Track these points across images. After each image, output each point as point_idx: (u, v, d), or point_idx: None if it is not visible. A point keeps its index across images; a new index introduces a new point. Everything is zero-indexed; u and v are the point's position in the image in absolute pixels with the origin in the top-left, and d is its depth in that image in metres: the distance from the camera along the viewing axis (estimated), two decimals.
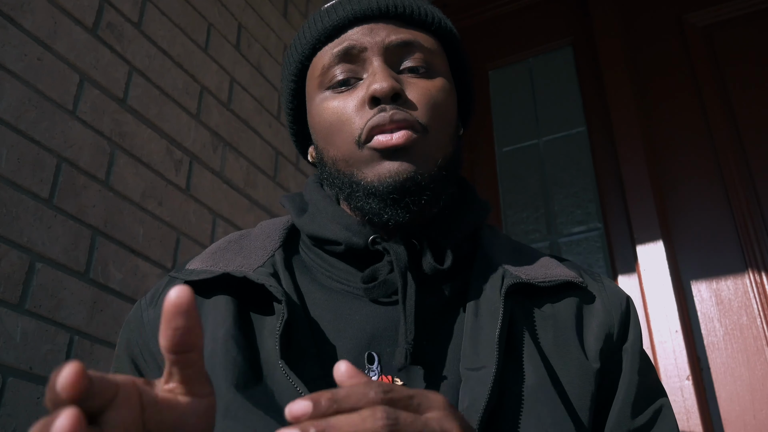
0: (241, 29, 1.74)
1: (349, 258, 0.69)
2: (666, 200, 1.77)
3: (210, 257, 0.70)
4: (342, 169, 0.66)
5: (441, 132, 0.67)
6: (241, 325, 0.63)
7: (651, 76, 1.93)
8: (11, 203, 1.06)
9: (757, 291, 1.58)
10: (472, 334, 0.61)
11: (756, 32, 1.84)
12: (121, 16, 1.36)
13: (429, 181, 0.64)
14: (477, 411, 0.55)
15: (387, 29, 0.68)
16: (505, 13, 2.24)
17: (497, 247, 0.72)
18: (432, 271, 0.65)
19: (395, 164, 0.62)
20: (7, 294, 1.02)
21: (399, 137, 0.62)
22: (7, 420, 0.98)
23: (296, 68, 0.73)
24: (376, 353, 0.62)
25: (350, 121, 0.65)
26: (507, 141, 2.09)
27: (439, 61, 0.70)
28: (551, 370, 0.61)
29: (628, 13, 2.04)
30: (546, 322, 0.65)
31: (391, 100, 0.64)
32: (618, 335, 0.68)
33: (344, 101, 0.66)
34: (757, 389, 1.50)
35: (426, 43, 0.69)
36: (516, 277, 0.65)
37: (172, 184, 1.40)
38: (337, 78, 0.68)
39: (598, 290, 0.71)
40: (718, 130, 1.77)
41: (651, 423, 0.65)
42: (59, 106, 1.18)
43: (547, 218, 1.92)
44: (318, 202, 0.72)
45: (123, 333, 0.71)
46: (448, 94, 0.69)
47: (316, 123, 0.70)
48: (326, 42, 0.70)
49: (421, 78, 0.67)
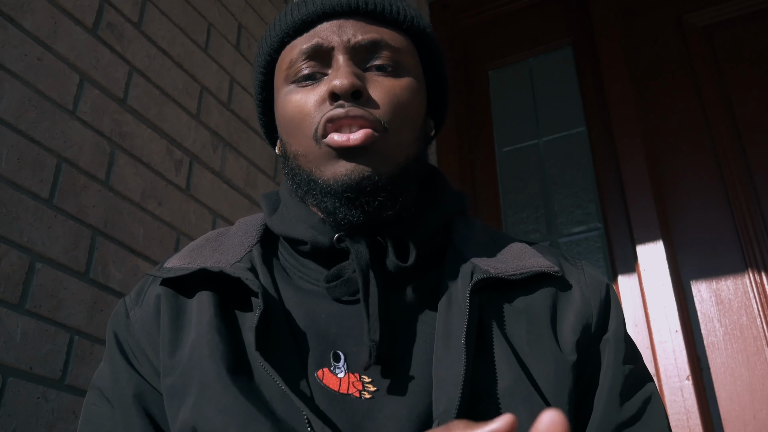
0: (241, 29, 1.74)
1: (316, 257, 0.68)
2: (666, 200, 1.77)
3: (188, 255, 0.70)
4: (302, 165, 0.66)
5: (403, 132, 0.65)
6: (223, 317, 0.63)
7: (651, 76, 1.93)
8: (11, 203, 1.06)
9: (757, 291, 1.58)
10: (443, 333, 0.60)
11: (756, 32, 1.84)
12: (121, 16, 1.36)
13: (387, 182, 0.62)
14: (450, 415, 0.54)
15: (355, 27, 0.67)
16: (505, 13, 2.24)
17: (470, 239, 0.70)
18: (396, 269, 0.64)
19: (351, 164, 0.62)
20: (7, 294, 1.02)
21: (357, 138, 0.61)
22: (7, 420, 0.98)
23: (265, 60, 0.73)
24: (342, 352, 0.61)
25: (309, 116, 0.65)
26: (507, 141, 2.09)
27: (409, 60, 0.69)
28: (525, 367, 0.60)
29: (628, 13, 2.04)
30: (518, 316, 0.64)
31: (352, 97, 0.63)
32: (597, 325, 0.66)
33: (306, 95, 0.66)
34: (757, 389, 1.50)
35: (394, 42, 0.68)
36: (485, 271, 0.64)
37: (172, 184, 1.40)
38: (302, 72, 0.67)
39: (576, 278, 0.69)
40: (718, 130, 1.77)
41: (641, 412, 0.64)
42: (59, 106, 1.18)
43: (547, 218, 1.92)
44: (287, 201, 0.72)
45: (111, 327, 0.71)
46: (415, 93, 0.68)
47: (280, 116, 0.70)
48: (295, 36, 0.69)
49: (388, 76, 0.66)
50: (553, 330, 0.64)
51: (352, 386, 0.60)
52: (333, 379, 0.60)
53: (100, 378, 0.68)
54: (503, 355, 0.60)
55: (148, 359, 0.66)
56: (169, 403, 0.62)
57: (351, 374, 0.60)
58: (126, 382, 0.65)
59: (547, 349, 0.62)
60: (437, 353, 0.59)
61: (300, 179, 0.66)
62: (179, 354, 0.63)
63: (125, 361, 0.67)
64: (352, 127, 0.62)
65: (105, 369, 0.68)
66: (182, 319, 0.66)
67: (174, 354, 0.63)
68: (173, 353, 0.63)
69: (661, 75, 1.92)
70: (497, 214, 1.98)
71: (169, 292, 0.68)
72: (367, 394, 0.59)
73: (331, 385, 0.60)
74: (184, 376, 0.61)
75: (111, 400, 0.65)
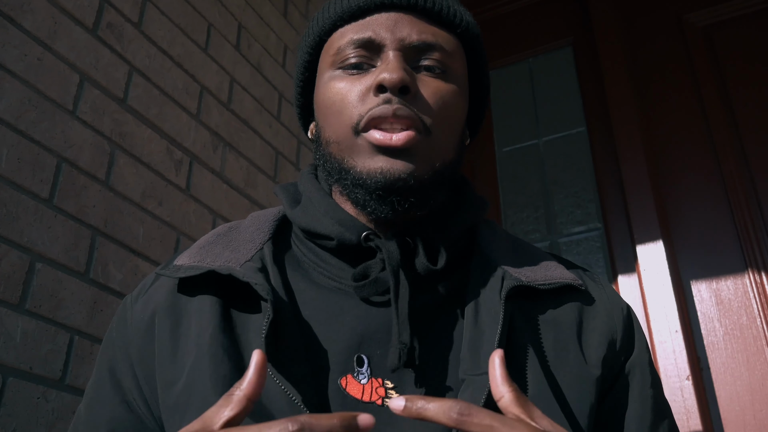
0: (241, 29, 1.74)
1: (341, 253, 0.66)
2: (666, 200, 1.77)
3: (197, 252, 0.68)
4: (334, 152, 0.64)
5: (445, 136, 0.64)
6: (226, 327, 0.61)
7: (651, 76, 1.93)
8: (11, 203, 1.06)
9: (757, 291, 1.58)
10: (472, 337, 0.59)
11: (756, 32, 1.84)
12: (121, 16, 1.36)
13: (420, 185, 0.61)
14: None
15: (411, 25, 0.65)
16: (505, 13, 2.24)
17: (496, 244, 0.70)
18: (425, 272, 0.63)
19: (389, 162, 0.60)
20: (7, 294, 1.02)
21: (399, 139, 0.60)
22: (7, 420, 0.98)
23: (314, 41, 0.71)
24: (366, 355, 0.60)
25: (352, 106, 0.63)
26: (507, 141, 2.09)
27: (458, 65, 0.68)
28: (550, 376, 0.60)
29: (628, 13, 2.04)
30: (546, 326, 0.63)
31: (399, 92, 0.61)
32: (621, 344, 0.66)
33: (352, 84, 0.64)
34: (757, 389, 1.50)
35: (447, 45, 0.67)
36: (516, 279, 0.63)
37: (172, 184, 1.40)
38: (350, 60, 0.65)
39: (598, 294, 0.69)
40: (718, 130, 1.77)
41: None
42: (59, 106, 1.18)
43: (547, 218, 1.92)
44: (311, 194, 0.69)
45: (108, 334, 0.70)
46: (460, 99, 0.67)
47: (320, 100, 0.68)
48: (348, 21, 0.67)
49: (436, 78, 0.65)
50: (578, 343, 0.63)
51: (375, 393, 0.59)
52: (356, 386, 0.59)
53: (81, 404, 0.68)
54: (530, 364, 0.59)
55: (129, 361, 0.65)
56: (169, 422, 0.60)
57: (374, 380, 0.59)
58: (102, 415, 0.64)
59: (572, 360, 0.62)
60: (464, 358, 0.58)
61: (331, 167, 0.65)
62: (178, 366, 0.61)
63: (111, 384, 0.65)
64: (394, 125, 0.61)
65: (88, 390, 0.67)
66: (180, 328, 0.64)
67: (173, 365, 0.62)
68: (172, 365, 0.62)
69: (661, 75, 1.92)
70: (497, 214, 1.98)
71: (167, 302, 0.66)
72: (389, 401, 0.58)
73: (354, 393, 0.58)
74: (184, 394, 0.59)
75: None
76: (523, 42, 2.18)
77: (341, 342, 0.61)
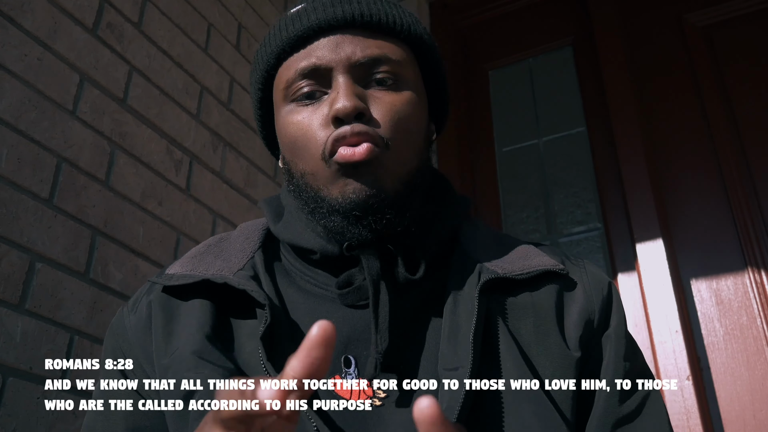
0: (241, 29, 1.74)
1: (325, 264, 0.68)
2: (666, 200, 1.77)
3: (189, 261, 0.70)
4: (310, 183, 0.65)
5: (404, 147, 0.65)
6: (218, 333, 0.63)
7: (651, 75, 1.93)
8: (11, 203, 1.06)
9: (757, 291, 1.58)
10: (449, 333, 0.60)
11: (756, 32, 1.84)
12: (121, 16, 1.36)
13: (392, 198, 0.63)
14: (452, 414, 0.54)
15: (353, 43, 0.66)
16: (505, 13, 2.24)
17: (476, 242, 0.71)
18: (405, 281, 0.64)
19: (357, 183, 0.62)
20: (7, 294, 1.02)
21: (361, 151, 0.61)
22: (7, 420, 0.98)
23: (262, 77, 0.72)
24: (353, 357, 0.62)
25: (315, 137, 0.64)
26: (507, 141, 2.09)
27: (408, 71, 0.69)
28: (531, 364, 0.61)
29: (628, 13, 2.04)
30: (525, 313, 0.64)
31: (354, 119, 0.62)
32: (599, 321, 0.67)
33: (309, 116, 0.65)
34: (757, 389, 1.50)
35: (394, 54, 0.67)
36: (492, 272, 0.64)
37: (172, 184, 1.40)
38: (302, 91, 0.66)
39: (579, 276, 0.70)
40: (718, 130, 1.77)
41: (640, 407, 0.64)
42: (59, 106, 1.18)
43: (547, 218, 1.92)
44: (292, 210, 0.71)
45: (108, 341, 0.71)
46: (416, 106, 0.68)
47: (282, 136, 0.69)
48: (291, 53, 0.68)
49: (388, 91, 0.66)
50: (559, 327, 0.64)
51: (363, 393, 0.60)
52: (345, 386, 0.60)
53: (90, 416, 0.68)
54: (509, 353, 0.60)
55: (141, 368, 0.66)
56: None
57: (362, 380, 0.61)
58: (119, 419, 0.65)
59: (554, 346, 0.63)
60: (442, 353, 0.60)
61: (307, 197, 0.66)
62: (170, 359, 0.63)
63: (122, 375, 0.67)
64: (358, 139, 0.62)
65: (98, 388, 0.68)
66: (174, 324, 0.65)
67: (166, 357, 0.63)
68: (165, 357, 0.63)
69: (661, 75, 1.92)
70: (497, 214, 1.98)
71: (162, 297, 0.67)
72: (377, 401, 0.60)
73: (343, 393, 0.60)
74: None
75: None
76: (523, 42, 2.18)
77: None
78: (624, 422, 0.63)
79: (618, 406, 0.63)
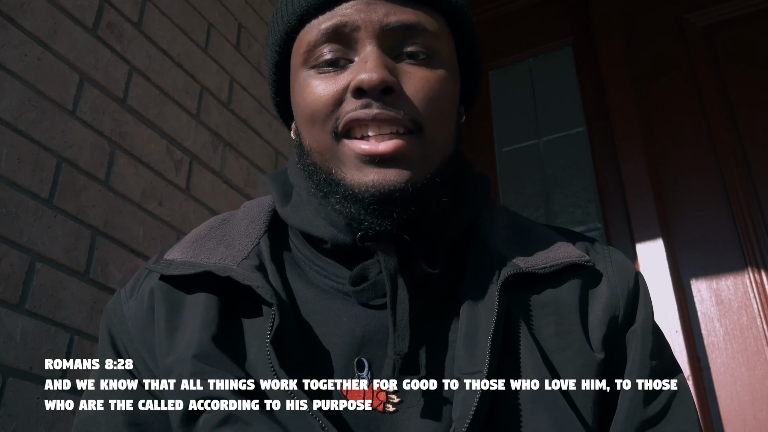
0: (241, 29, 1.74)
1: (337, 254, 0.62)
2: (666, 200, 1.77)
3: (190, 246, 0.64)
4: (318, 163, 0.60)
5: (440, 130, 0.59)
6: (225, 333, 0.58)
7: (651, 76, 1.93)
8: (11, 203, 1.06)
9: (757, 291, 1.58)
10: (467, 334, 0.56)
11: (756, 32, 1.84)
12: (121, 16, 1.36)
13: (421, 190, 0.56)
14: (464, 422, 0.51)
15: (386, 6, 0.59)
16: (505, 13, 2.24)
17: (495, 229, 0.65)
18: (423, 275, 0.59)
19: (381, 173, 0.55)
20: (7, 294, 1.02)
21: (386, 147, 0.55)
22: (7, 420, 0.98)
23: (281, 39, 0.65)
24: (367, 359, 0.57)
25: (329, 110, 0.58)
26: (507, 141, 2.09)
27: (444, 46, 0.61)
28: (552, 367, 0.56)
29: (628, 13, 2.04)
30: (547, 312, 0.59)
31: (381, 93, 0.55)
32: (624, 316, 0.62)
33: (327, 85, 0.58)
34: (757, 389, 1.50)
35: (430, 25, 0.60)
36: (515, 266, 0.59)
37: (172, 184, 1.40)
38: (324, 57, 0.59)
39: (603, 267, 0.64)
40: (718, 130, 1.77)
41: (665, 409, 0.59)
42: (59, 106, 1.18)
43: (547, 218, 1.92)
44: (301, 191, 0.65)
45: (104, 325, 0.65)
46: (450, 84, 0.61)
47: (296, 103, 0.62)
48: (315, 14, 0.61)
49: (421, 66, 0.59)
50: (582, 325, 0.59)
51: (376, 398, 0.56)
52: (357, 391, 0.56)
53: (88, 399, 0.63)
54: (529, 356, 0.56)
55: (141, 358, 0.62)
56: None
57: (375, 384, 0.56)
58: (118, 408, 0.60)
59: (576, 346, 0.58)
60: (459, 355, 0.55)
61: (319, 179, 0.60)
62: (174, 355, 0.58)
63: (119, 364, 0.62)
64: (381, 128, 0.56)
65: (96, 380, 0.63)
66: (177, 319, 0.60)
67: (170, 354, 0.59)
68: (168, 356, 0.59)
69: (661, 75, 1.92)
70: None
71: (164, 285, 0.62)
72: (390, 406, 0.56)
73: (355, 398, 0.56)
74: None
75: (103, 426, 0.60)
76: (523, 42, 2.18)
77: (341, 345, 0.58)
78: (649, 425, 0.58)
79: (643, 407, 0.58)
